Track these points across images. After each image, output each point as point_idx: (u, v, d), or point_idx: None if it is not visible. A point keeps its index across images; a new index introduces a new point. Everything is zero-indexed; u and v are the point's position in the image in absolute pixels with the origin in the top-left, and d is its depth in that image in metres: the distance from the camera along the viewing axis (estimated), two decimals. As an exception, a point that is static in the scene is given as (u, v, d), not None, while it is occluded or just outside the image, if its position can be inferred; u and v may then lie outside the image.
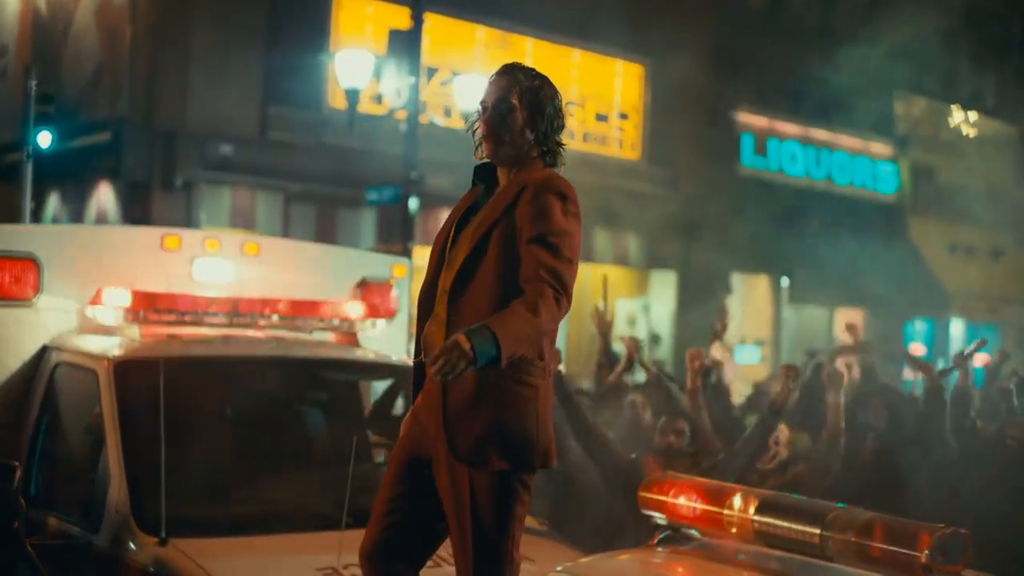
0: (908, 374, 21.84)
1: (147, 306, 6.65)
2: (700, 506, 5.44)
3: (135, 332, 6.57)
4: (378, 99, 17.42)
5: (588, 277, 17.73)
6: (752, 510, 5.27)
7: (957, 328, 29.99)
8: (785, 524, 5.13)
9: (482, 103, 4.56)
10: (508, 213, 4.43)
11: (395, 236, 18.18)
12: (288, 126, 18.93)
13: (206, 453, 6.09)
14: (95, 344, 6.51)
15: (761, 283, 25.75)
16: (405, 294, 7.87)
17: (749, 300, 25.72)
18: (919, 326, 28.96)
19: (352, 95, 15.82)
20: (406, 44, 16.01)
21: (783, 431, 7.42)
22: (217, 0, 18.28)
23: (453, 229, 4.63)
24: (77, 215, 18.65)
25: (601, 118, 23.10)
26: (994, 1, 30.44)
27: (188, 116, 17.96)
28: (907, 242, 28.00)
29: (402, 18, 17.61)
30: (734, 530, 5.36)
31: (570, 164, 4.66)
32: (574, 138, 22.05)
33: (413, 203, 16.31)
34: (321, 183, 18.96)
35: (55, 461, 6.60)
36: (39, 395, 6.63)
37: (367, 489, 5.51)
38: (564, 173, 4.61)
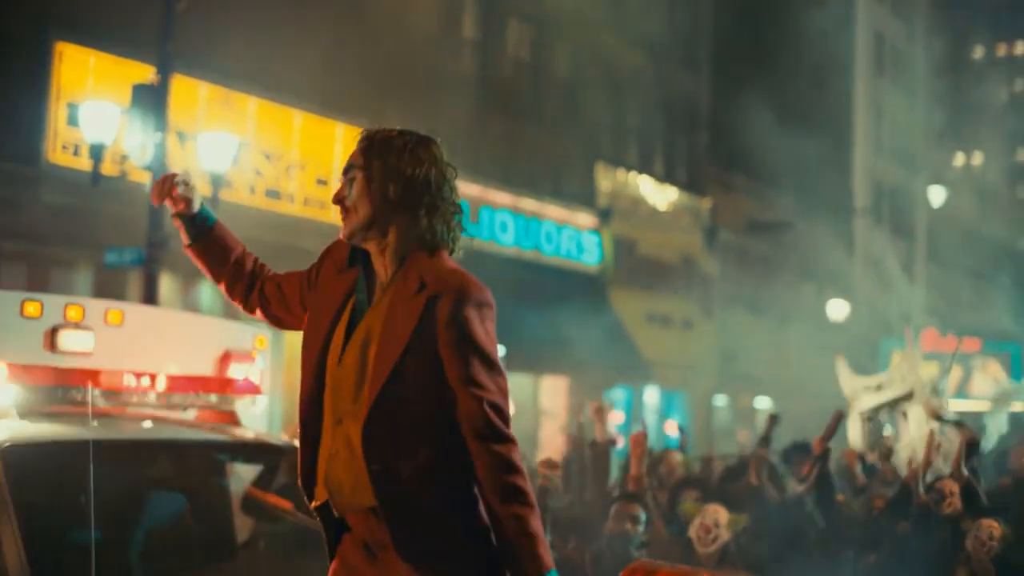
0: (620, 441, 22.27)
1: (21, 381, 5.83)
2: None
3: (11, 411, 5.74)
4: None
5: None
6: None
7: (652, 396, 30.92)
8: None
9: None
10: (420, 330, 3.73)
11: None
12: (2, 180, 17.62)
13: (114, 546, 5.37)
14: (-35, 426, 5.63)
15: (471, 351, 25.74)
16: (268, 368, 7.28)
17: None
18: (618, 394, 29.67)
19: (96, 150, 14.79)
20: (151, 100, 15.14)
21: (721, 513, 7.21)
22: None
23: (332, 325, 3.87)
24: None
25: (321, 182, 22.60)
26: (685, 78, 31.87)
27: None
28: (609, 312, 28.69)
29: (129, 72, 16.76)
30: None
31: (289, 228, 4.32)
32: (294, 202, 21.52)
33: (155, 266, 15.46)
34: (36, 243, 17.70)
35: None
36: None
37: None
38: (282, 237, 4.19)
